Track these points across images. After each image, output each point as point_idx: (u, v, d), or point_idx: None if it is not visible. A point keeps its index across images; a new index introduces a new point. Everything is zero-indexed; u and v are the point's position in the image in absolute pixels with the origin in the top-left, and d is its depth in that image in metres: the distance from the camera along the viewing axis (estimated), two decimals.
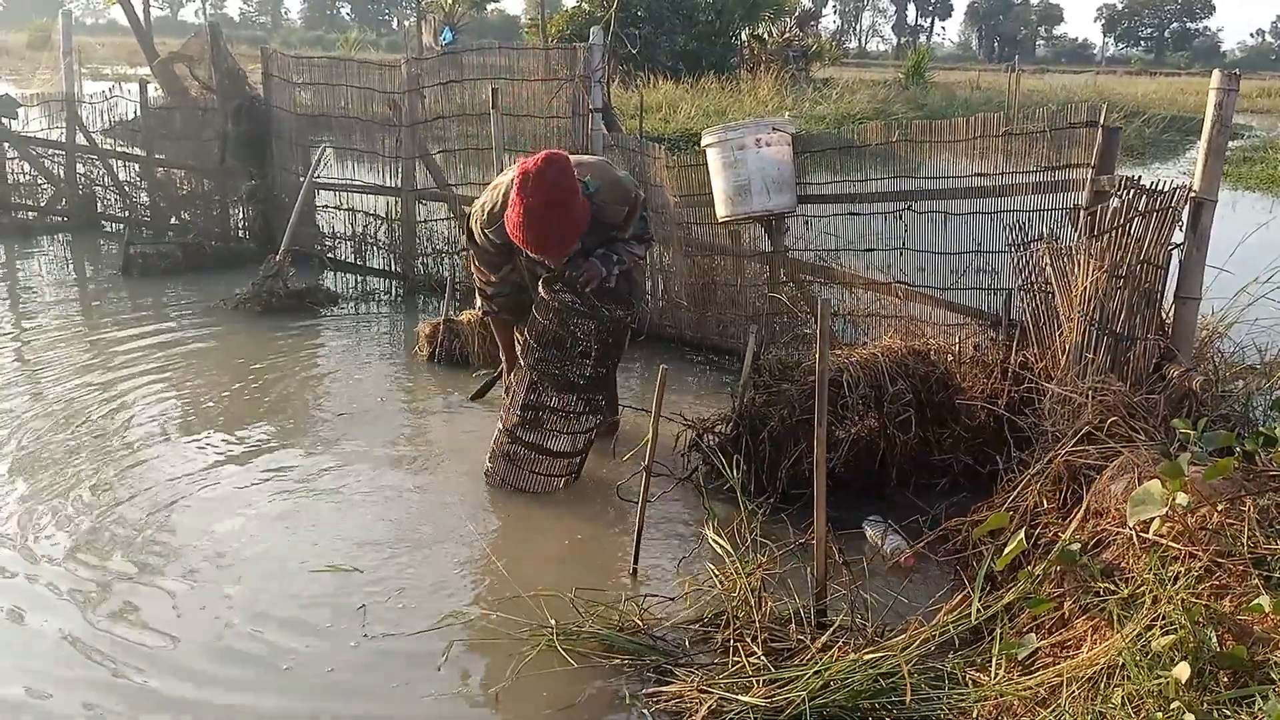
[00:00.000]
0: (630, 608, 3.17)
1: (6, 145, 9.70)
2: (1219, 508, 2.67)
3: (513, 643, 3.02)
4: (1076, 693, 2.42)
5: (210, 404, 5.07)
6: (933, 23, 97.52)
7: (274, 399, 5.20)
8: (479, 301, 4.64)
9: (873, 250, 5.16)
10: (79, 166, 9.60)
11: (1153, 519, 2.66)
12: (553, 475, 4.17)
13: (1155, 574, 2.56)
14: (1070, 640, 2.67)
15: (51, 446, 4.44)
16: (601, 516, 4.01)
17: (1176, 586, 2.48)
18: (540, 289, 4.06)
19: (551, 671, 2.89)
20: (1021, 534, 2.91)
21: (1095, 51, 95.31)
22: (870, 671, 2.64)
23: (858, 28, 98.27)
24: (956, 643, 2.85)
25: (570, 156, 4.00)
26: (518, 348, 4.35)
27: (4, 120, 9.68)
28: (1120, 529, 2.84)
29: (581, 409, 4.14)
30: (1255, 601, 2.33)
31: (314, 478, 4.26)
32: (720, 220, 5.37)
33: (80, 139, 9.47)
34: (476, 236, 4.29)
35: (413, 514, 3.97)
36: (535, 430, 4.12)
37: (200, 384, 5.37)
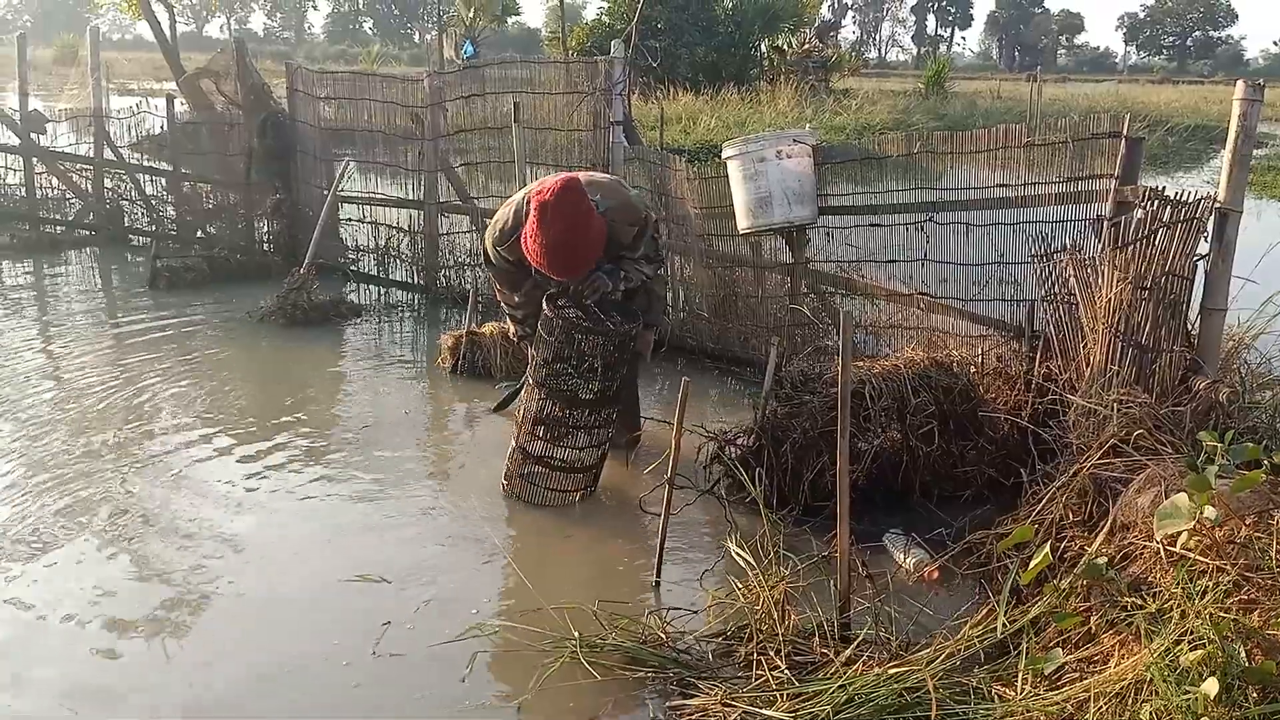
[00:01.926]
0: (653, 620, 3.17)
1: (35, 160, 9.83)
2: (1247, 521, 2.65)
3: (536, 655, 3.02)
4: (1104, 708, 2.40)
5: (235, 416, 5.11)
6: (952, 32, 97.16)
7: (298, 411, 5.23)
8: (511, 327, 4.66)
9: (894, 261, 5.15)
10: (106, 181, 9.71)
11: (1180, 532, 2.64)
12: (567, 490, 4.18)
13: (1183, 588, 2.54)
14: (1097, 655, 2.65)
15: (74, 454, 4.48)
16: (624, 529, 4.02)
17: (1204, 601, 2.46)
18: (544, 304, 4.08)
19: (575, 684, 2.90)
20: (1047, 547, 2.90)
21: (1117, 60, 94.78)
22: (895, 686, 2.63)
23: (877, 38, 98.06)
24: (982, 657, 2.83)
25: (582, 175, 4.04)
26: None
27: (33, 135, 9.82)
28: (1147, 542, 2.83)
29: (592, 424, 4.14)
30: None
31: (338, 489, 4.29)
32: (741, 232, 5.38)
33: (108, 154, 9.58)
34: (491, 256, 4.32)
35: (436, 526, 4.00)
36: (548, 447, 4.12)
37: (225, 396, 5.42)
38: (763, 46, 25.92)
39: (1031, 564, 2.84)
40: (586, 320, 4.08)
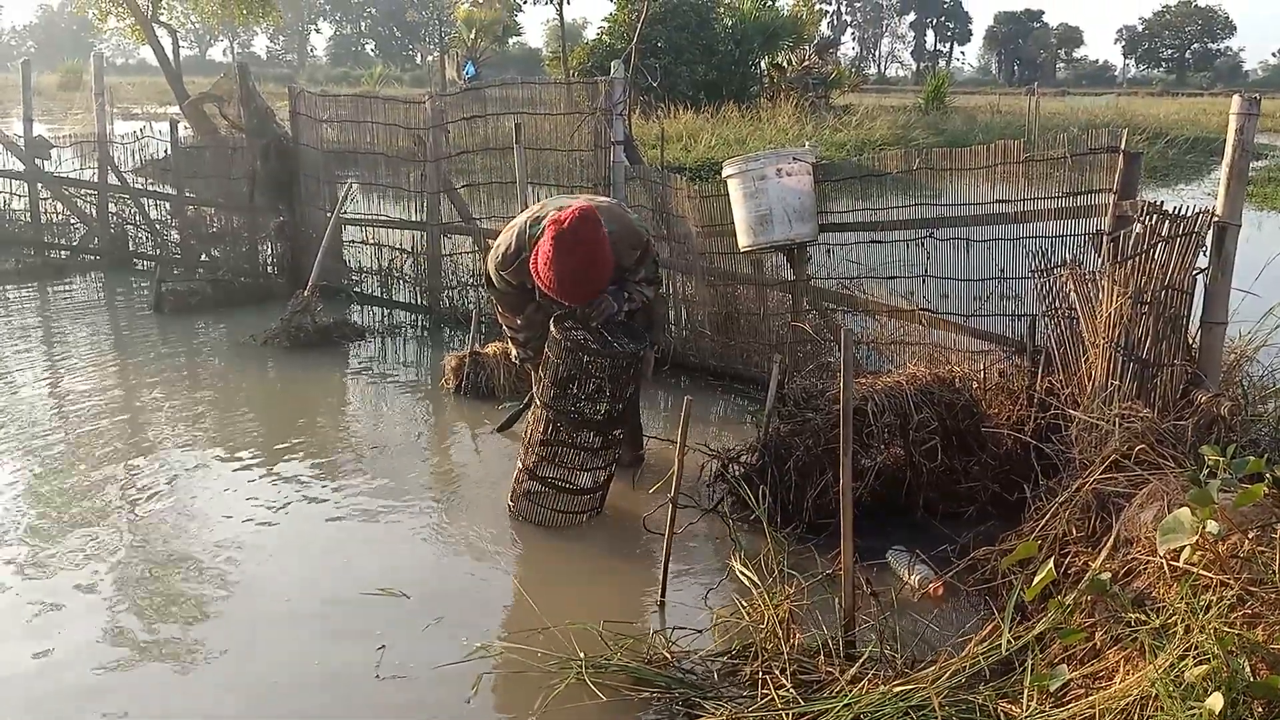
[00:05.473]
0: (658, 640, 3.17)
1: (40, 185, 9.89)
2: (1250, 535, 2.65)
3: (542, 675, 3.02)
4: None
5: (241, 439, 5.13)
6: (951, 47, 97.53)
7: (303, 433, 5.25)
8: (513, 350, 4.69)
9: (895, 277, 5.17)
10: (111, 206, 9.75)
11: (1183, 547, 2.64)
12: (574, 512, 4.17)
13: (1187, 603, 2.54)
14: (1102, 671, 2.65)
15: (82, 480, 4.50)
16: (628, 548, 4.02)
17: (1208, 616, 2.46)
18: (552, 327, 4.10)
19: (580, 704, 2.90)
20: (1050, 563, 2.90)
21: (1116, 73, 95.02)
22: (900, 704, 2.63)
23: (877, 54, 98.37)
24: (987, 674, 2.82)
25: (582, 199, 4.12)
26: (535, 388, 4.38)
27: (37, 161, 9.88)
28: (1150, 558, 2.83)
29: (599, 445, 4.14)
30: None
31: (344, 511, 4.30)
32: (742, 250, 5.40)
33: (112, 178, 9.63)
34: (494, 280, 4.35)
35: (441, 547, 4.00)
36: (554, 468, 4.12)
37: (231, 419, 5.44)
38: (762, 64, 26.05)
39: (1035, 580, 2.84)
40: (594, 342, 4.10)
